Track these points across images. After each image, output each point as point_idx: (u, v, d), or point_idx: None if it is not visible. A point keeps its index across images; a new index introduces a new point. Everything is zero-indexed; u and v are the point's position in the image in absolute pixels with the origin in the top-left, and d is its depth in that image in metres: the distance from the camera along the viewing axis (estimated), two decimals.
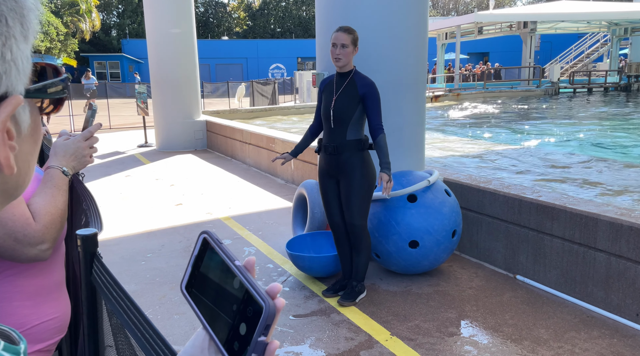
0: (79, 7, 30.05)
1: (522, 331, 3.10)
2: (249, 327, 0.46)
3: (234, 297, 0.49)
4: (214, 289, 0.51)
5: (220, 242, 0.52)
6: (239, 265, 0.49)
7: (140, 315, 0.92)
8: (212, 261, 0.52)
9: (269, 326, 0.46)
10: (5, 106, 0.38)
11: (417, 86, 4.30)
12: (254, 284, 0.47)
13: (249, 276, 0.48)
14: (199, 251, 0.54)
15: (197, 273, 0.54)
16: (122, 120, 16.43)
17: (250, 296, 0.47)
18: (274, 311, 0.46)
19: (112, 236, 5.07)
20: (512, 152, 9.96)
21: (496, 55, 41.12)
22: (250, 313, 0.47)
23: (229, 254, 0.51)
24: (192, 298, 0.54)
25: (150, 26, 10.35)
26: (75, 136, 1.36)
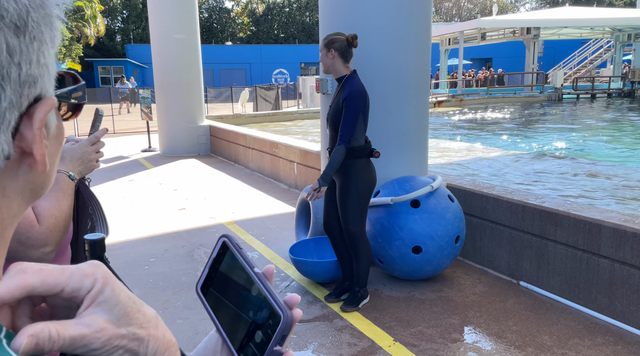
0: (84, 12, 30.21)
1: (525, 337, 3.09)
2: (265, 335, 0.46)
3: (251, 304, 0.49)
4: (230, 293, 0.51)
5: (240, 247, 0.52)
6: (258, 272, 0.49)
7: None
8: (230, 266, 0.52)
9: (285, 337, 0.46)
10: (43, 106, 0.41)
11: (420, 92, 4.31)
12: (273, 294, 0.47)
13: (268, 285, 0.48)
14: (218, 254, 0.54)
15: (214, 276, 0.54)
16: (126, 125, 16.49)
17: (268, 304, 0.47)
18: (292, 321, 0.46)
19: (115, 240, 5.09)
20: (515, 157, 9.95)
21: (499, 61, 41.15)
22: (267, 321, 0.47)
23: (248, 261, 0.51)
24: (207, 300, 0.54)
25: (155, 31, 10.41)
26: (82, 140, 1.37)
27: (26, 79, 0.40)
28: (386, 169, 4.22)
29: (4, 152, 0.39)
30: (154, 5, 10.32)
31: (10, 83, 0.38)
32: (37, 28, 0.40)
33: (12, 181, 0.41)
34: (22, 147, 0.41)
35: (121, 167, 9.28)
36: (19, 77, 0.39)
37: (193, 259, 4.55)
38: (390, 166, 4.24)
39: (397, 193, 3.80)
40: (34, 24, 0.40)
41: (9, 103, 0.38)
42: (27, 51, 0.39)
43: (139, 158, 10.37)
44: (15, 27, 0.38)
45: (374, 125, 4.21)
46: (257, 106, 19.13)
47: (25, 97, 0.40)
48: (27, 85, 0.40)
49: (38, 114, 0.41)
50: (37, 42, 0.40)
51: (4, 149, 0.39)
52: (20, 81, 0.39)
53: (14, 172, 0.41)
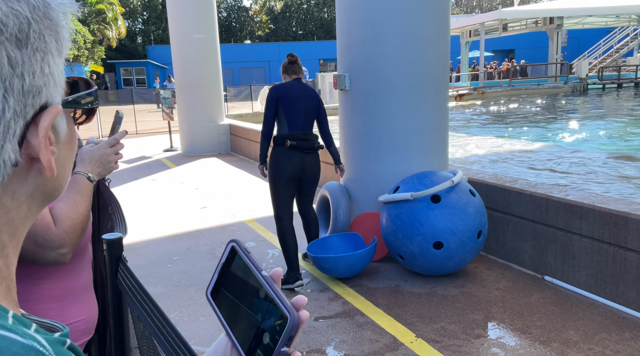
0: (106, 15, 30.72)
1: (550, 333, 3.04)
2: (272, 337, 0.47)
3: (260, 307, 0.49)
4: (239, 297, 0.52)
5: (248, 252, 0.53)
6: (265, 275, 0.50)
7: (163, 318, 0.93)
8: (239, 270, 0.53)
9: (292, 338, 0.47)
10: (47, 115, 0.42)
11: (439, 85, 4.26)
12: (280, 296, 0.48)
13: (275, 287, 0.49)
14: (227, 258, 0.55)
15: (224, 280, 0.55)
16: (148, 125, 16.72)
17: (275, 306, 0.48)
18: (298, 322, 0.47)
19: (139, 239, 5.16)
20: (539, 150, 9.78)
21: (522, 52, 40.44)
22: (275, 323, 0.47)
23: (256, 264, 0.52)
24: (217, 304, 0.55)
25: (174, 32, 10.51)
26: (101, 142, 1.40)
27: (30, 89, 0.41)
28: (406, 165, 4.19)
29: (10, 160, 0.40)
30: (173, 6, 10.42)
31: (13, 94, 0.39)
32: (40, 39, 0.41)
33: (22, 186, 0.43)
34: (30, 154, 0.42)
35: (144, 167, 9.41)
36: (22, 88, 0.40)
37: (215, 257, 4.59)
38: (409, 161, 4.21)
39: (417, 188, 3.77)
40: (36, 35, 0.41)
41: (13, 113, 0.39)
42: (29, 62, 0.40)
43: (161, 158, 10.50)
44: (16, 39, 0.39)
45: (391, 120, 4.18)
46: None
47: (30, 107, 0.41)
48: (32, 95, 0.41)
49: (43, 122, 0.42)
50: (41, 53, 0.41)
51: (10, 157, 0.40)
52: (23, 91, 0.40)
53: (23, 178, 0.43)
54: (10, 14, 0.39)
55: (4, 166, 0.40)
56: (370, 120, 4.24)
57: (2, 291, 0.42)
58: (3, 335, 0.35)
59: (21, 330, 0.37)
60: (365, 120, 4.27)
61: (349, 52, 4.31)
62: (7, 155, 0.40)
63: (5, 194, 0.42)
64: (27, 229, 0.46)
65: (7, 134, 0.39)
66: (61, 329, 0.44)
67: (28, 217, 0.45)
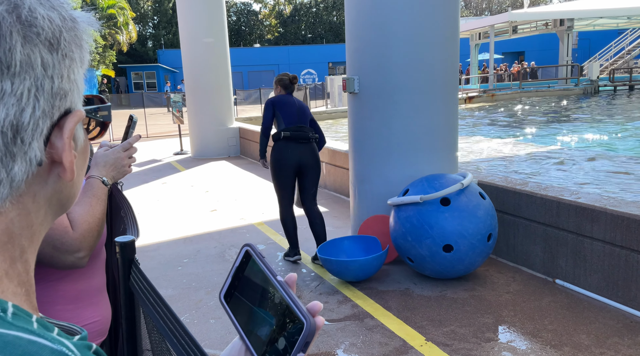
0: (117, 20, 30.99)
1: (562, 336, 3.02)
2: (288, 342, 0.47)
3: (274, 311, 0.49)
4: (253, 301, 0.52)
5: (263, 256, 0.53)
6: (280, 281, 0.50)
7: (175, 320, 0.94)
8: (253, 274, 0.53)
9: (308, 343, 0.47)
10: (72, 117, 0.44)
11: (449, 88, 4.26)
12: (296, 301, 0.48)
13: (291, 292, 0.49)
14: (241, 262, 0.55)
15: (237, 284, 0.55)
16: (158, 129, 16.83)
17: (290, 312, 0.48)
18: (314, 328, 0.47)
19: (150, 242, 5.20)
20: (550, 152, 9.72)
21: (532, 54, 40.19)
22: (290, 328, 0.47)
23: (270, 269, 0.52)
24: (231, 307, 0.55)
25: (185, 36, 10.59)
26: (115, 146, 1.41)
27: (58, 91, 0.43)
28: (415, 167, 4.19)
29: (36, 158, 0.42)
30: (184, 10, 10.50)
31: (44, 94, 0.42)
32: (69, 47, 0.44)
33: (42, 188, 0.44)
34: (52, 155, 0.44)
35: (154, 171, 9.48)
36: (51, 90, 0.42)
37: (224, 260, 4.61)
38: (418, 163, 4.20)
39: (426, 191, 3.76)
40: (66, 42, 0.43)
41: (42, 113, 0.42)
42: (59, 66, 0.43)
43: (172, 161, 10.57)
44: (49, 44, 0.42)
45: (400, 122, 4.18)
46: None
47: (56, 109, 0.43)
48: (59, 97, 0.43)
49: (68, 124, 0.44)
50: (68, 60, 0.44)
51: (36, 155, 0.42)
52: (52, 93, 0.42)
53: (44, 180, 0.44)
54: (46, 19, 0.41)
55: (30, 163, 0.42)
56: (379, 123, 4.24)
57: (23, 295, 0.43)
58: (32, 340, 0.36)
59: (49, 334, 0.38)
60: (374, 123, 4.27)
61: (358, 55, 4.32)
62: (34, 153, 0.42)
63: (28, 194, 0.43)
64: (42, 237, 0.47)
65: (35, 132, 0.41)
66: (79, 332, 0.45)
67: (44, 224, 0.46)
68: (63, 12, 0.44)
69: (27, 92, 0.40)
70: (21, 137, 0.40)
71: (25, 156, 0.41)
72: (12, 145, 0.40)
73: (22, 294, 0.42)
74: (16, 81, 0.40)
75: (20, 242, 0.43)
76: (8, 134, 0.40)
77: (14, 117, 0.40)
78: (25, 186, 0.42)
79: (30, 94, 0.40)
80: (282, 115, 4.28)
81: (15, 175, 0.41)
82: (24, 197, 0.43)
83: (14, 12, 0.40)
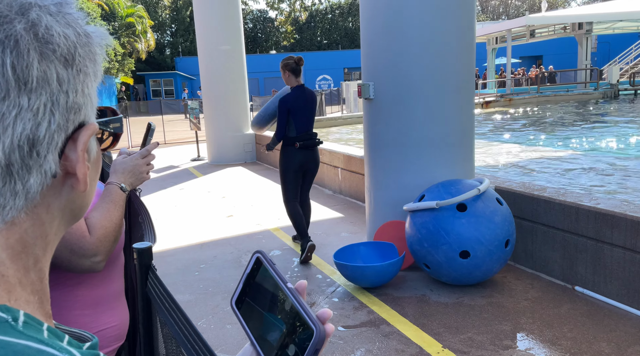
0: (135, 28, 31.48)
1: (581, 344, 2.97)
2: (298, 349, 0.48)
3: (285, 318, 0.50)
4: (264, 308, 0.53)
5: (274, 263, 0.54)
6: (291, 288, 0.51)
7: (190, 326, 0.95)
8: (264, 281, 0.54)
9: (318, 350, 0.47)
10: (86, 131, 0.46)
11: (465, 92, 4.24)
12: (306, 308, 0.49)
13: (301, 299, 0.50)
14: (252, 269, 0.56)
15: (249, 291, 0.56)
16: (176, 135, 17.01)
17: (301, 319, 0.48)
18: (324, 336, 0.47)
19: (167, 247, 5.25)
20: (568, 157, 9.59)
21: (550, 58, 39.76)
22: (300, 335, 0.48)
23: (281, 276, 0.52)
24: (242, 314, 0.56)
25: (202, 44, 10.71)
26: (134, 153, 1.44)
27: (72, 106, 0.45)
28: (431, 173, 4.17)
29: (51, 170, 0.43)
30: (201, 18, 10.63)
31: (59, 109, 0.43)
32: (83, 62, 0.45)
33: (56, 199, 0.46)
34: (66, 167, 0.45)
35: (172, 177, 9.58)
36: (66, 104, 0.44)
37: (241, 266, 4.64)
38: (435, 169, 4.18)
39: (442, 196, 3.74)
40: (80, 58, 0.45)
41: (57, 126, 0.43)
42: (73, 81, 0.44)
43: (189, 167, 10.67)
44: (64, 60, 0.43)
45: (416, 128, 4.17)
46: None
47: (71, 122, 0.45)
48: (73, 111, 0.45)
49: (82, 137, 0.45)
50: (83, 75, 0.45)
51: (51, 167, 0.43)
52: (67, 107, 0.44)
53: (58, 191, 0.46)
54: (62, 36, 0.43)
55: (45, 175, 0.43)
56: (395, 128, 4.23)
57: (36, 303, 0.44)
58: (41, 350, 0.37)
59: (57, 343, 0.39)
60: (390, 128, 4.26)
61: (373, 60, 4.33)
62: (49, 165, 0.43)
63: (42, 205, 0.44)
64: (55, 246, 0.48)
65: (50, 146, 0.43)
66: (90, 339, 0.46)
67: (57, 233, 0.48)
68: (78, 29, 0.45)
69: (43, 107, 0.42)
70: (37, 151, 0.42)
71: (40, 169, 0.42)
72: (28, 158, 0.41)
73: (35, 302, 0.44)
74: (33, 97, 0.41)
75: (34, 251, 0.44)
76: (24, 147, 0.41)
77: (30, 131, 0.41)
78: (40, 197, 0.44)
79: (46, 108, 0.42)
80: (295, 121, 4.59)
81: (30, 187, 0.42)
82: (39, 208, 0.44)
83: (31, 30, 0.41)
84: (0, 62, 0.39)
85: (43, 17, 0.42)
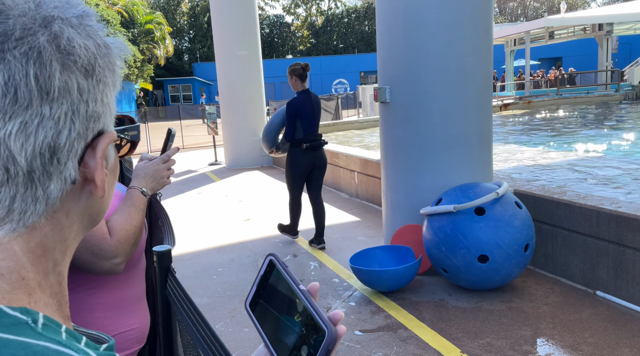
0: (154, 35, 31.91)
1: (603, 350, 2.92)
2: (310, 350, 0.49)
3: (297, 320, 0.51)
4: (277, 309, 0.54)
5: (286, 265, 0.55)
6: (303, 289, 0.52)
7: (207, 328, 0.97)
8: (277, 283, 0.55)
9: (329, 351, 0.48)
10: (104, 139, 0.47)
11: (482, 95, 4.21)
12: (317, 310, 0.50)
13: (313, 301, 0.51)
14: (265, 271, 0.57)
15: (262, 293, 0.57)
16: (194, 140, 17.18)
17: (313, 320, 0.49)
18: (336, 337, 0.48)
19: (186, 251, 5.30)
20: (589, 160, 9.44)
21: (570, 59, 39.22)
22: (312, 336, 0.49)
23: (293, 278, 0.54)
24: (256, 315, 0.57)
25: (219, 49, 10.82)
26: (155, 159, 1.47)
27: (92, 114, 0.46)
28: (448, 177, 4.14)
29: (71, 177, 0.45)
30: (218, 24, 10.74)
31: (79, 117, 0.45)
32: (102, 72, 0.47)
33: (75, 205, 0.48)
34: (85, 173, 0.47)
35: (190, 181, 9.67)
36: (86, 113, 0.45)
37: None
38: (452, 172, 4.16)
39: (460, 200, 3.72)
40: (100, 69, 0.46)
41: (77, 134, 0.45)
42: (93, 91, 0.46)
43: (206, 171, 10.76)
44: (85, 70, 0.45)
45: (433, 131, 4.16)
46: None
47: (90, 131, 0.46)
48: (93, 120, 0.46)
49: (101, 145, 0.47)
50: (102, 84, 0.47)
51: (71, 174, 0.45)
52: (87, 116, 0.46)
53: (77, 197, 0.47)
54: (82, 48, 0.45)
55: (64, 182, 0.44)
56: (412, 132, 4.22)
57: (55, 306, 0.45)
58: (58, 350, 0.38)
59: (74, 345, 0.40)
60: (407, 132, 4.25)
61: (389, 64, 4.33)
62: (69, 172, 0.44)
63: (62, 210, 0.46)
64: (74, 250, 0.50)
65: (70, 153, 0.44)
66: (107, 340, 0.48)
67: (76, 238, 0.49)
68: (98, 40, 0.47)
69: (64, 116, 0.43)
70: (57, 158, 0.43)
71: (60, 175, 0.44)
72: (49, 165, 0.43)
73: (53, 305, 0.45)
74: (54, 106, 0.42)
75: (54, 255, 0.46)
76: (46, 155, 0.42)
77: (51, 139, 0.43)
78: (60, 202, 0.45)
79: (67, 117, 0.43)
80: (302, 123, 4.86)
81: (51, 193, 0.44)
82: (58, 213, 0.46)
83: (54, 42, 0.42)
84: (24, 73, 0.41)
85: (65, 29, 0.43)
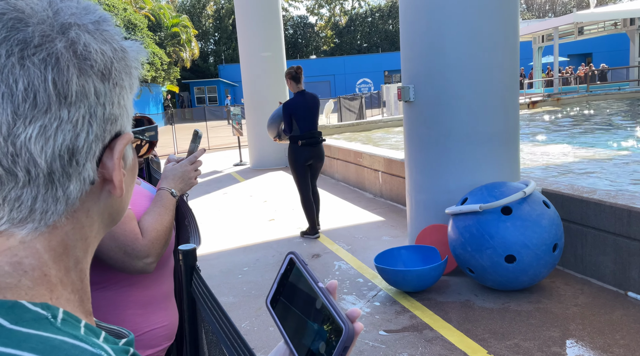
0: (180, 38, 32.38)
1: (635, 352, 2.84)
2: (328, 347, 0.50)
3: (316, 317, 0.52)
4: (297, 307, 0.55)
5: (306, 263, 0.57)
6: (322, 287, 0.53)
7: (232, 326, 0.98)
8: (297, 281, 0.56)
9: (347, 348, 0.49)
10: (122, 140, 0.49)
11: (509, 92, 4.14)
12: (336, 307, 0.51)
13: (331, 299, 0.52)
14: (285, 269, 0.59)
15: (283, 290, 0.58)
16: (219, 141, 17.37)
17: (331, 317, 0.50)
18: (353, 334, 0.49)
19: (212, 250, 5.37)
20: (620, 158, 9.19)
21: (600, 55, 38.25)
22: (330, 333, 0.50)
23: (313, 276, 0.55)
24: (276, 312, 0.58)
25: (244, 51, 10.92)
26: (182, 160, 1.50)
27: (109, 117, 0.47)
28: (474, 176, 4.09)
29: (89, 178, 0.47)
30: (243, 26, 10.84)
31: (96, 120, 0.46)
32: (119, 76, 0.48)
33: (95, 204, 0.49)
34: (103, 174, 0.48)
35: (216, 182, 9.78)
36: (103, 116, 0.47)
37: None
38: (478, 171, 4.11)
39: (486, 199, 3.67)
40: (116, 72, 0.48)
41: (95, 137, 0.46)
42: (110, 94, 0.47)
43: (232, 172, 10.87)
44: (102, 74, 0.46)
45: (458, 130, 4.11)
46: (341, 117, 19.33)
47: (108, 133, 0.48)
48: (110, 122, 0.48)
49: (118, 146, 0.48)
50: (119, 88, 0.48)
51: (89, 175, 0.47)
52: (104, 118, 0.47)
53: (97, 197, 0.49)
54: (99, 53, 0.46)
55: (83, 182, 0.46)
56: (436, 131, 4.19)
57: (76, 302, 0.47)
58: (75, 345, 0.40)
59: (91, 340, 0.41)
60: (431, 131, 4.22)
61: (413, 63, 4.30)
62: (87, 173, 0.46)
63: (82, 210, 0.47)
64: (95, 248, 0.51)
65: (88, 155, 0.46)
66: (127, 335, 0.49)
67: (97, 236, 0.51)
68: (114, 44, 0.48)
69: (82, 119, 0.45)
70: (76, 160, 0.45)
71: (79, 176, 0.45)
72: (68, 166, 0.44)
73: (75, 300, 0.47)
74: (72, 109, 0.44)
75: (75, 253, 0.48)
76: (65, 157, 0.44)
77: (70, 142, 0.44)
78: (79, 202, 0.47)
79: (84, 120, 0.45)
80: (297, 121, 5.27)
81: (70, 193, 0.45)
82: (78, 212, 0.47)
83: (71, 48, 0.44)
84: (43, 78, 0.42)
85: (82, 35, 0.45)
